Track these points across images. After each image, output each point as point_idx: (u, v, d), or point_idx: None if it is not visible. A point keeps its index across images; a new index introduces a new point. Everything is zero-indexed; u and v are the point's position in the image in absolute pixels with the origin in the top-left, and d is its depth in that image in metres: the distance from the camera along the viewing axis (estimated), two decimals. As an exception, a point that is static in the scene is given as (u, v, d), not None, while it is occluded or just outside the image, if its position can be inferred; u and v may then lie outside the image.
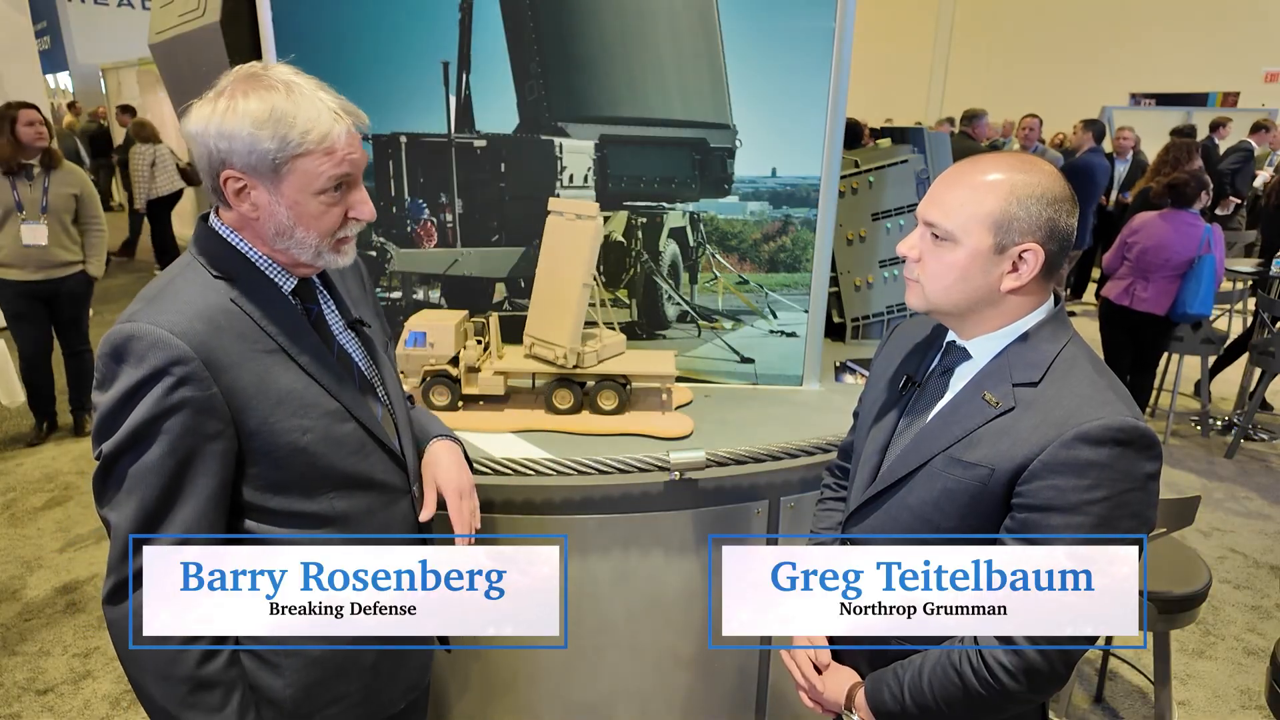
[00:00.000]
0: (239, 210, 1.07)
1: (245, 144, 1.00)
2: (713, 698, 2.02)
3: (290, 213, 1.05)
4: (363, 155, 1.10)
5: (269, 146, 1.00)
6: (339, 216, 1.09)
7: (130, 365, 0.99)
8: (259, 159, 1.01)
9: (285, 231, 1.07)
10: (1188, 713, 2.58)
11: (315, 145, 1.02)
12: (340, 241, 1.12)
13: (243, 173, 1.03)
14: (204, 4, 2.06)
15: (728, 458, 1.77)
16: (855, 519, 1.24)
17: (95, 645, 2.78)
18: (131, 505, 1.01)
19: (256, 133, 1.00)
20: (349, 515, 1.16)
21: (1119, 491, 0.98)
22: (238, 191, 1.05)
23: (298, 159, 1.02)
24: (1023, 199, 1.03)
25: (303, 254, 1.09)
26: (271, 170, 1.02)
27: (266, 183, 1.04)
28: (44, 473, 4.08)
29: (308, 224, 1.07)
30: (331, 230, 1.09)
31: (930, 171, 2.64)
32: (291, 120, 1.01)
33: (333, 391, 1.12)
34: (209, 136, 1.01)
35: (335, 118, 1.04)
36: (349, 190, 1.09)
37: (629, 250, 2.20)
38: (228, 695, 1.07)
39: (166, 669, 1.04)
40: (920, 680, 1.11)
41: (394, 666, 1.28)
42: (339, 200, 1.08)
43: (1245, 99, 11.24)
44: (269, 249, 1.11)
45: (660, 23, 2.03)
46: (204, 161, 1.04)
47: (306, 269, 1.15)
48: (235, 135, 1.00)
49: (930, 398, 1.18)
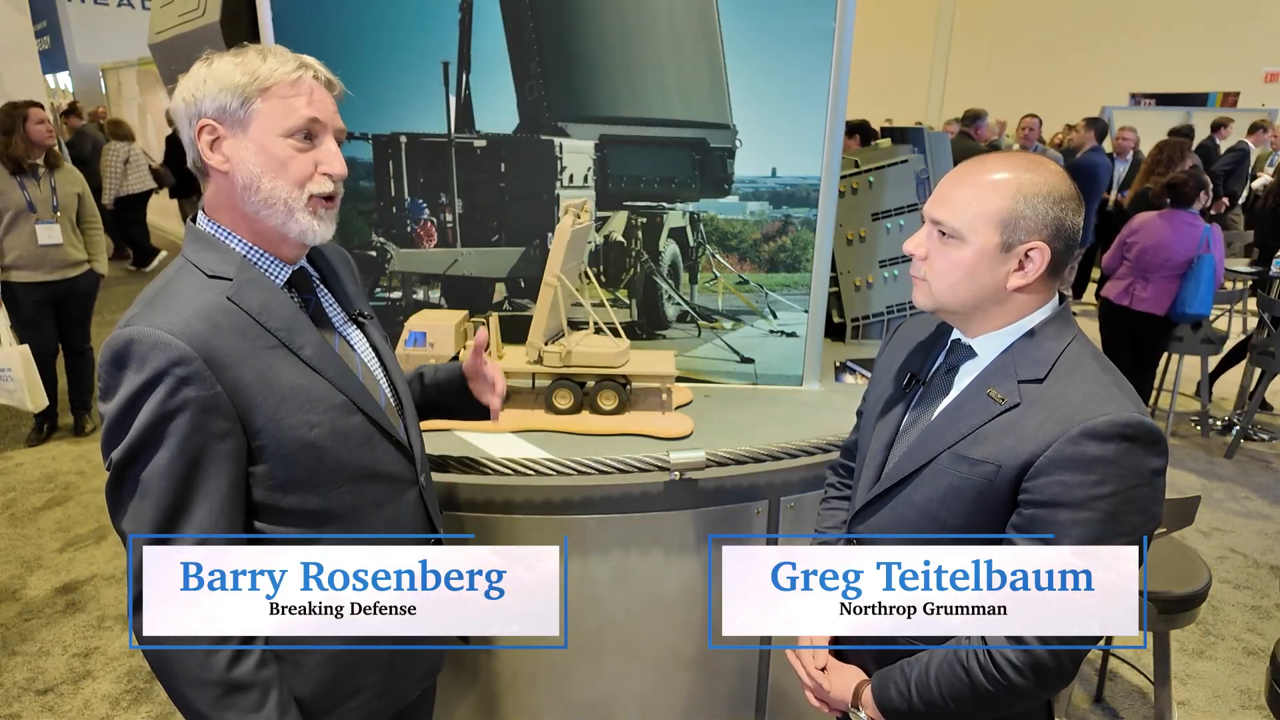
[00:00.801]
0: (213, 167, 1.07)
1: (218, 83, 1.04)
2: (713, 698, 2.02)
3: (258, 158, 1.05)
4: (333, 110, 1.11)
5: (238, 80, 1.04)
6: (308, 166, 1.08)
7: (132, 370, 0.98)
8: (229, 97, 1.04)
9: (253, 182, 1.06)
10: (1188, 713, 2.59)
11: (282, 79, 1.05)
12: (314, 201, 1.09)
13: (214, 119, 1.05)
14: (204, 4, 2.06)
15: (728, 458, 1.77)
16: (860, 517, 1.24)
17: (95, 645, 2.78)
18: (146, 511, 1.00)
19: (230, 71, 1.04)
20: (358, 508, 1.16)
21: (1126, 487, 0.99)
22: (211, 144, 1.06)
23: (264, 94, 1.04)
24: (1029, 197, 1.04)
25: (274, 214, 1.07)
26: (240, 108, 1.04)
27: (235, 128, 1.05)
28: (44, 473, 4.08)
29: (275, 170, 1.06)
30: (300, 180, 1.08)
31: (930, 171, 2.64)
32: (259, 61, 1.06)
33: (337, 384, 1.12)
34: (187, 89, 1.06)
35: (304, 66, 1.08)
36: (318, 140, 1.09)
37: (629, 250, 2.20)
38: (265, 696, 1.06)
39: (197, 673, 1.03)
40: (927, 677, 1.11)
41: (409, 658, 1.29)
42: (307, 149, 1.08)
43: (1245, 99, 11.23)
44: (249, 229, 1.10)
45: (660, 23, 2.03)
46: (184, 122, 1.07)
47: (288, 247, 1.13)
48: (210, 78, 1.05)
49: (935, 395, 1.19)
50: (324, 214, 1.12)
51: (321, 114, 1.08)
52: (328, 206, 1.12)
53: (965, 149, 5.90)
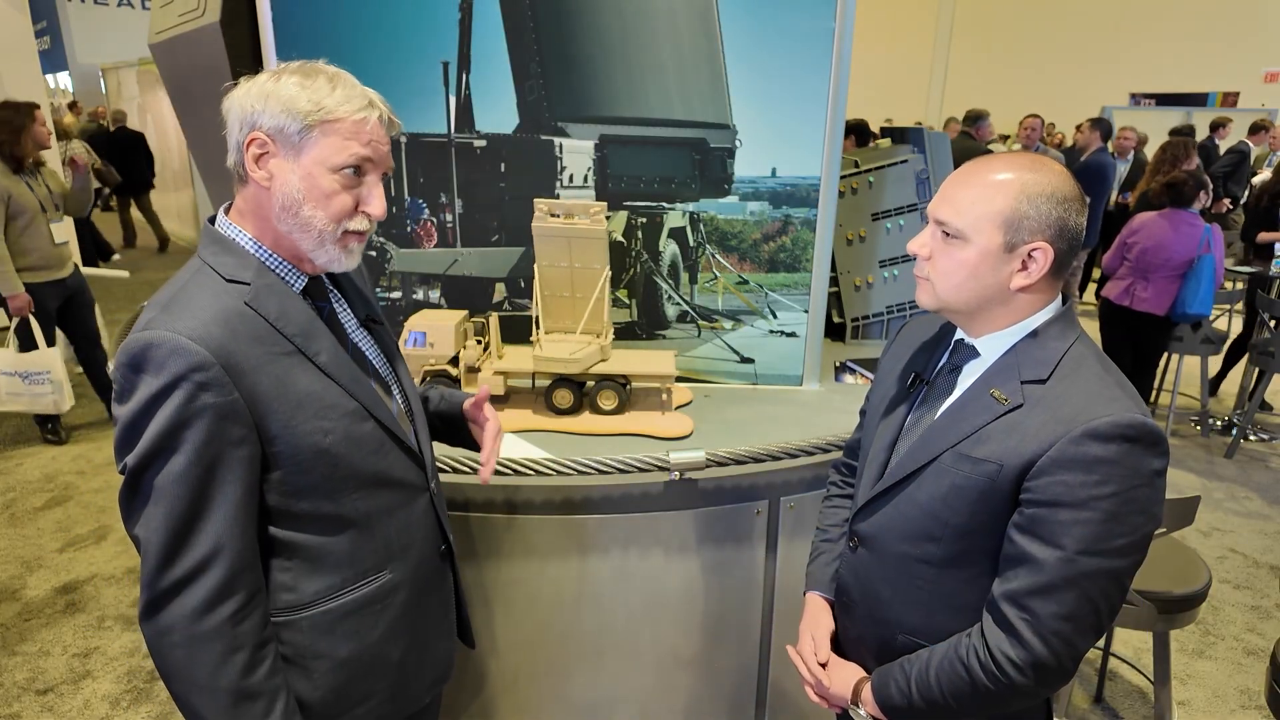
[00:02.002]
0: (254, 179, 1.06)
1: (281, 103, 1.03)
2: (713, 698, 2.02)
3: (303, 184, 1.05)
4: (388, 152, 1.11)
5: (304, 107, 1.03)
6: (350, 204, 1.08)
7: (150, 374, 0.98)
8: (289, 119, 1.03)
9: (292, 206, 1.06)
10: (1187, 713, 2.59)
11: (347, 115, 1.04)
12: (347, 235, 1.10)
13: (269, 135, 1.04)
14: (204, 4, 2.06)
15: (728, 458, 1.77)
16: (863, 514, 1.24)
17: (95, 645, 2.78)
18: (160, 517, 0.99)
19: (296, 94, 1.03)
20: (371, 515, 1.16)
21: (1127, 488, 0.99)
22: (258, 158, 1.05)
23: (326, 124, 1.03)
24: (1033, 198, 1.04)
25: (306, 239, 1.08)
26: (297, 134, 1.03)
27: (287, 150, 1.04)
28: (44, 473, 4.08)
29: (317, 200, 1.06)
30: (339, 216, 1.08)
31: (930, 171, 2.64)
32: (331, 90, 1.04)
33: (351, 391, 1.12)
34: (249, 97, 1.04)
35: (372, 104, 1.07)
36: (365, 178, 1.09)
37: (629, 250, 2.20)
38: (271, 704, 1.06)
39: (210, 681, 1.02)
40: (927, 675, 1.11)
41: (419, 662, 1.29)
42: (353, 185, 1.08)
43: (1245, 99, 11.23)
44: (273, 239, 1.10)
45: (660, 23, 2.03)
46: (235, 125, 1.06)
47: (309, 266, 1.13)
48: (274, 95, 1.03)
49: (938, 395, 1.19)
50: (353, 248, 1.12)
51: (375, 155, 1.08)
52: (359, 241, 1.12)
53: (966, 149, 5.90)
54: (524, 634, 1.88)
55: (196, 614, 1.01)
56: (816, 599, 1.37)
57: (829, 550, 1.40)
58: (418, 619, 1.27)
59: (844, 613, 1.32)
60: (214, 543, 1.01)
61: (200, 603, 1.01)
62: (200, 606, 1.01)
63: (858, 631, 1.28)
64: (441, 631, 1.35)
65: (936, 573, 1.14)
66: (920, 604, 1.17)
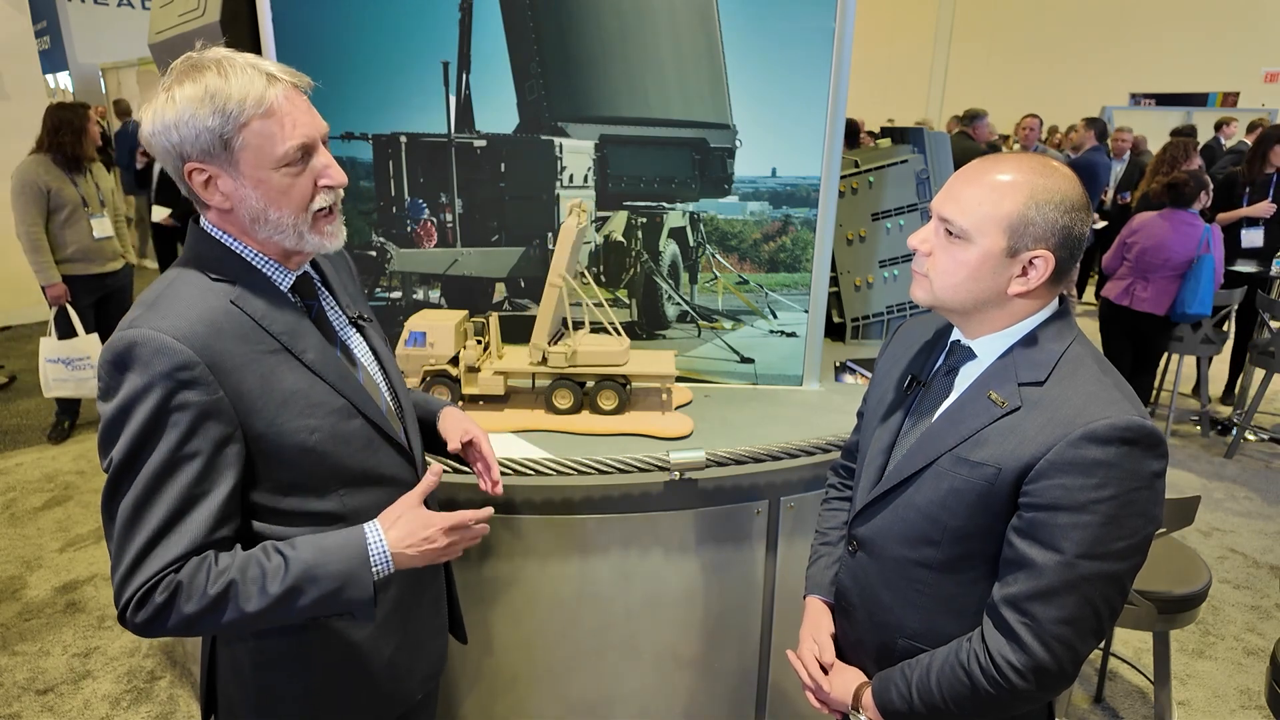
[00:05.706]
0: (214, 205, 1.06)
1: (191, 128, 1.00)
2: (713, 698, 2.02)
3: (258, 193, 1.04)
4: (314, 118, 1.08)
5: (211, 124, 1.00)
6: (308, 187, 1.07)
7: (134, 372, 0.97)
8: (208, 139, 1.01)
9: (259, 216, 1.05)
10: (1188, 713, 2.58)
11: (254, 109, 1.01)
12: (319, 217, 1.09)
13: (201, 161, 1.02)
14: (204, 4, 2.06)
15: (728, 458, 1.77)
16: (861, 518, 1.24)
17: (95, 645, 2.78)
18: (142, 514, 0.98)
19: (197, 113, 1.00)
20: (359, 512, 1.15)
21: (1126, 490, 0.98)
22: (205, 184, 1.04)
23: (243, 129, 1.01)
24: (1041, 204, 1.03)
25: (285, 238, 1.08)
26: (224, 149, 1.02)
27: (225, 166, 1.03)
28: (44, 473, 4.08)
29: (278, 201, 1.05)
30: (303, 203, 1.07)
31: (930, 171, 2.64)
32: (226, 92, 1.00)
33: (338, 388, 1.12)
34: (161, 133, 1.02)
35: (269, 80, 1.03)
36: (311, 157, 1.07)
37: (629, 250, 2.20)
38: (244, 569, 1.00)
39: (190, 628, 1.00)
40: (928, 679, 1.11)
41: (411, 659, 1.28)
42: (303, 169, 1.06)
43: (1245, 99, 11.23)
44: (256, 241, 1.10)
45: (660, 23, 2.03)
46: (168, 162, 1.04)
47: (298, 258, 1.13)
48: (180, 123, 1.00)
49: (935, 397, 1.18)
50: (330, 228, 1.12)
51: (306, 135, 1.05)
52: (330, 220, 1.12)
53: (964, 149, 5.90)
54: (524, 634, 1.89)
55: (175, 610, 0.98)
56: (817, 602, 1.37)
57: (828, 553, 1.40)
58: (409, 616, 1.27)
59: (844, 617, 1.32)
60: (190, 542, 0.99)
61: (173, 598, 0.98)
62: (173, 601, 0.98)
63: (858, 635, 1.28)
64: (433, 629, 1.36)
65: (936, 576, 1.13)
66: (920, 608, 1.16)
